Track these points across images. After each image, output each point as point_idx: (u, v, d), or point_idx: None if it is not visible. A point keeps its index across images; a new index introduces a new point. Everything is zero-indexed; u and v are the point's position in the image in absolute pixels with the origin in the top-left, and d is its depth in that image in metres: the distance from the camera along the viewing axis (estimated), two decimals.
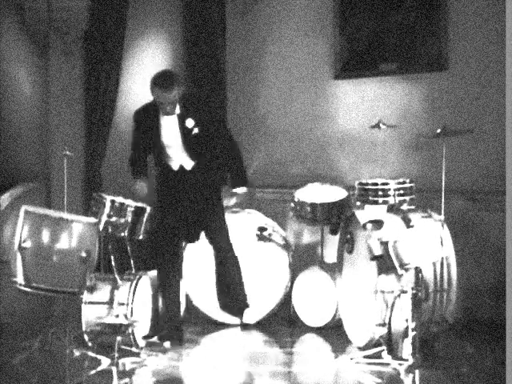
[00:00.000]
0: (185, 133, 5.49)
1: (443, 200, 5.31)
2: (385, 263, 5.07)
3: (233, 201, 5.69)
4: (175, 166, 5.59)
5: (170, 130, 5.52)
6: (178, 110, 5.48)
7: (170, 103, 5.39)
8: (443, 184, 5.31)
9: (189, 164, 5.58)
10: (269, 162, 7.26)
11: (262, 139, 7.32)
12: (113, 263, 5.36)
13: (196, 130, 5.49)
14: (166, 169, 5.63)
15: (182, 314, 5.75)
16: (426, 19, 6.70)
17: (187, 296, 6.13)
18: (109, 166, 7.06)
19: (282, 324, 6.16)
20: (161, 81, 5.39)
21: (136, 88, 7.40)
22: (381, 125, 5.80)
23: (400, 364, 4.96)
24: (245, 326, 6.08)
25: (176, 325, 5.62)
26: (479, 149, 6.42)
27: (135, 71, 7.37)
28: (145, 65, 7.46)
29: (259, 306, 6.14)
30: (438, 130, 5.34)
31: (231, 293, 5.75)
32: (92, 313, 5.29)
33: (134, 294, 5.28)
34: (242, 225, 6.16)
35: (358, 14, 7.05)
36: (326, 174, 6.83)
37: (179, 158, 5.57)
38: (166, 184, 5.65)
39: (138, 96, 7.38)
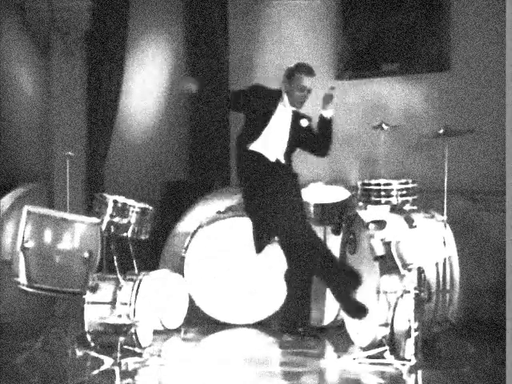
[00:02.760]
0: (295, 130, 5.70)
1: (446, 200, 5.31)
2: (387, 263, 5.07)
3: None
4: (272, 158, 5.70)
5: (281, 120, 5.68)
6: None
7: (308, 91, 5.64)
8: (445, 184, 5.31)
9: (283, 159, 5.74)
10: None
11: None
12: (115, 263, 5.36)
13: (304, 134, 5.73)
14: (260, 157, 5.69)
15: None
16: (427, 19, 6.71)
17: (190, 296, 6.13)
18: (111, 166, 7.07)
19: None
20: (306, 67, 5.68)
21: (137, 88, 7.41)
22: (383, 125, 5.80)
23: (403, 364, 4.96)
24: (247, 326, 6.10)
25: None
26: (479, 149, 6.43)
27: (136, 71, 7.37)
28: (146, 65, 7.47)
29: (263, 306, 6.14)
30: (441, 131, 5.34)
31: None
32: (94, 313, 5.28)
33: (136, 294, 5.27)
34: (245, 226, 6.14)
35: (359, 15, 7.06)
36: (328, 174, 6.83)
37: (276, 151, 5.70)
38: (259, 172, 5.70)
39: (139, 96, 7.41)
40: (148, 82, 7.50)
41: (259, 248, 5.86)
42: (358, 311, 5.42)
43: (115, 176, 7.14)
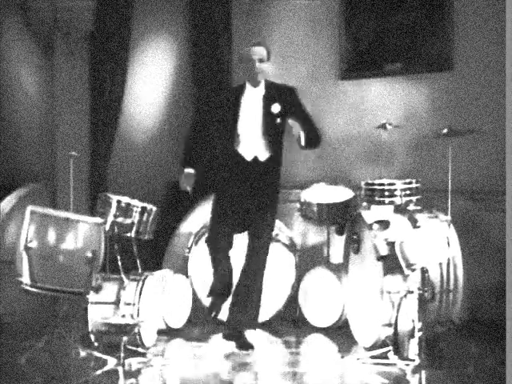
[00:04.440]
0: (267, 119, 5.40)
1: (449, 200, 5.31)
2: (391, 263, 5.07)
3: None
4: (248, 156, 5.47)
5: (251, 114, 5.43)
6: (262, 88, 5.44)
7: (259, 61, 5.35)
8: (449, 184, 5.31)
9: (263, 155, 5.46)
10: None
11: None
12: (119, 263, 5.36)
13: (278, 120, 5.41)
14: (236, 158, 5.46)
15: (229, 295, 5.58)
16: (430, 19, 6.70)
17: (195, 296, 6.13)
18: (114, 166, 7.07)
19: (288, 324, 6.16)
20: (252, 41, 5.51)
21: (140, 88, 7.41)
22: (387, 125, 5.81)
23: (406, 364, 4.96)
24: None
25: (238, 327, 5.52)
26: (479, 149, 6.42)
27: (139, 71, 7.37)
28: (149, 65, 7.47)
29: (265, 306, 6.13)
30: (445, 131, 5.34)
31: (245, 303, 5.50)
32: (98, 313, 5.28)
33: (140, 294, 5.28)
34: None
35: (361, 15, 7.05)
36: (331, 174, 6.83)
37: (254, 148, 5.46)
38: (236, 175, 5.47)
39: (141, 96, 7.41)
40: (150, 82, 7.50)
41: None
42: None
43: (118, 176, 7.14)
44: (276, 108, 5.41)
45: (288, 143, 7.14)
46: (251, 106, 5.46)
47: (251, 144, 5.46)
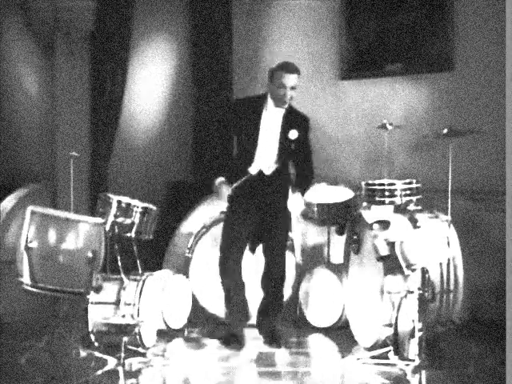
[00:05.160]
0: (284, 142, 5.45)
1: (450, 200, 5.31)
2: (391, 264, 5.06)
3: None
4: (253, 170, 5.49)
5: (269, 132, 5.46)
6: (284, 110, 5.48)
7: (291, 88, 5.36)
8: (450, 184, 5.31)
9: (268, 170, 5.51)
10: None
11: None
12: (119, 263, 5.36)
13: (293, 147, 5.48)
14: (241, 171, 5.48)
15: (247, 318, 5.76)
16: (431, 19, 6.70)
17: (194, 296, 6.13)
18: (114, 166, 7.07)
19: (289, 324, 6.16)
20: (288, 64, 5.44)
21: (140, 88, 7.41)
22: (387, 125, 5.80)
23: (406, 364, 4.96)
24: (250, 326, 6.10)
25: (238, 330, 5.66)
26: (479, 149, 6.42)
27: (139, 71, 7.37)
28: (149, 65, 7.47)
29: None
30: (445, 131, 5.34)
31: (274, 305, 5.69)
32: (98, 313, 5.28)
33: (140, 294, 5.28)
34: None
35: (362, 15, 7.05)
36: (331, 174, 6.83)
37: (261, 163, 5.49)
38: (242, 188, 5.47)
39: (141, 96, 7.41)
40: (151, 82, 7.50)
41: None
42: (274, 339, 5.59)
43: (118, 176, 7.14)
44: (293, 134, 5.47)
45: None
46: (271, 126, 5.49)
47: (263, 165, 5.50)
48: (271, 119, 5.49)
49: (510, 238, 4.27)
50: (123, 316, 5.22)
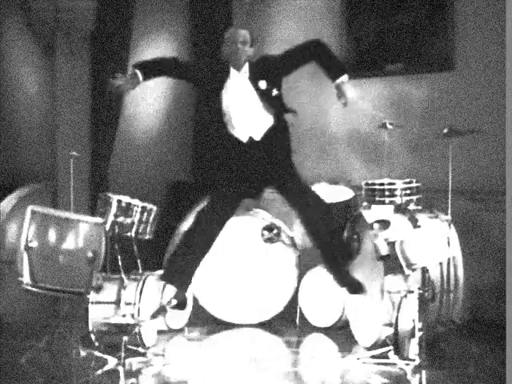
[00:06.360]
0: (263, 97, 5.32)
1: (450, 200, 5.31)
2: (391, 263, 5.06)
3: (344, 98, 5.45)
4: (244, 138, 5.39)
5: (238, 94, 5.34)
6: (246, 70, 5.36)
7: (242, 43, 5.29)
8: (450, 184, 5.31)
9: (258, 134, 5.38)
10: None
11: None
12: (119, 263, 5.36)
13: (275, 92, 5.34)
14: (231, 142, 5.38)
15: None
16: (430, 19, 6.71)
17: (193, 296, 6.13)
18: (114, 165, 7.07)
19: (289, 324, 6.16)
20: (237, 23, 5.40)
21: (140, 88, 7.40)
22: (388, 125, 5.81)
23: (407, 364, 4.96)
24: (251, 326, 6.11)
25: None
26: (479, 149, 6.42)
27: None
28: None
29: (267, 306, 6.15)
30: (445, 131, 5.34)
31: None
32: (99, 313, 5.28)
33: (140, 293, 5.28)
34: (248, 225, 6.15)
35: (362, 15, 7.05)
36: (331, 174, 6.83)
37: (247, 128, 5.37)
38: (236, 159, 5.39)
39: (141, 96, 7.41)
40: (151, 81, 7.49)
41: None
42: (356, 286, 5.43)
43: (119, 176, 7.14)
44: (263, 84, 5.35)
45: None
46: (240, 91, 5.37)
47: (251, 131, 5.39)
48: (237, 85, 5.38)
49: (511, 238, 4.27)
50: (123, 316, 5.21)
